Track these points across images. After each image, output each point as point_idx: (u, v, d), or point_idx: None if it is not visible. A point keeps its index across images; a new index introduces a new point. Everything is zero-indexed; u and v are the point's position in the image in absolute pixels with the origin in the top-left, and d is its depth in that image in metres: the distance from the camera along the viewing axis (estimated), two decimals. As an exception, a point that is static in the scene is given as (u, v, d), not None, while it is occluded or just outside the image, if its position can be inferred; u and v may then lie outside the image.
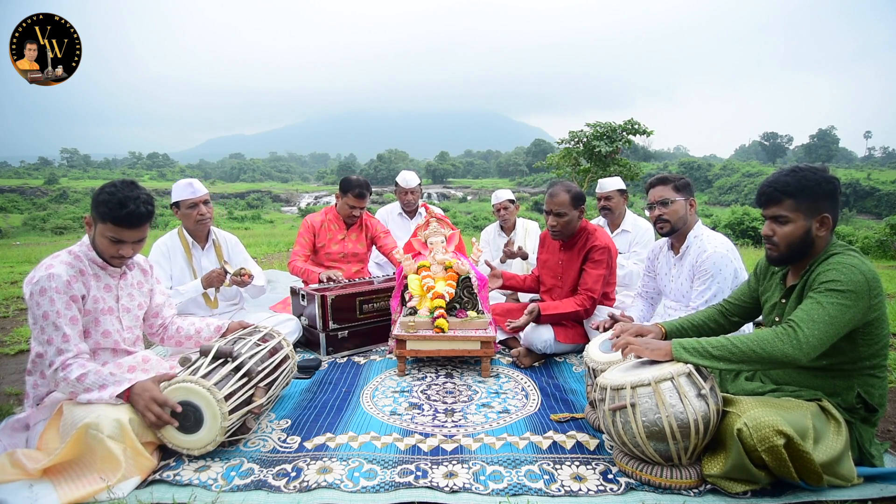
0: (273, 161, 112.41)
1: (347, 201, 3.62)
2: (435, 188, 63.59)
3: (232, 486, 1.74)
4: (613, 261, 3.02)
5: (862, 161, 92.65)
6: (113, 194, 1.89)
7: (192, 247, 3.01)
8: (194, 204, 2.90)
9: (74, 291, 1.91)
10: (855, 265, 1.64)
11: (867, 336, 1.69)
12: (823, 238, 1.74)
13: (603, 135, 15.15)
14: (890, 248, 11.03)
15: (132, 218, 1.91)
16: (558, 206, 2.89)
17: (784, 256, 1.78)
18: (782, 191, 1.72)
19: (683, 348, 1.71)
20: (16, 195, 44.86)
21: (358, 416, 2.29)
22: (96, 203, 1.92)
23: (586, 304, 2.88)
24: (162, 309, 2.34)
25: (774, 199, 1.74)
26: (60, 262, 1.92)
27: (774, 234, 1.76)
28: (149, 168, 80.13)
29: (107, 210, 1.89)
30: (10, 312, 4.39)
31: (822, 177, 1.70)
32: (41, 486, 1.67)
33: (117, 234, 1.93)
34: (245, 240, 3.21)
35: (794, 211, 1.72)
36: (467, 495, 1.69)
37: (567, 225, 2.94)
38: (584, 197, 2.96)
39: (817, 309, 1.62)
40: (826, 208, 1.71)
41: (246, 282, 2.89)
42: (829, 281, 1.64)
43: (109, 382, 1.82)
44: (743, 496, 1.64)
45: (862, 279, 1.62)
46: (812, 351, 1.60)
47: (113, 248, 1.96)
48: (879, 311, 1.67)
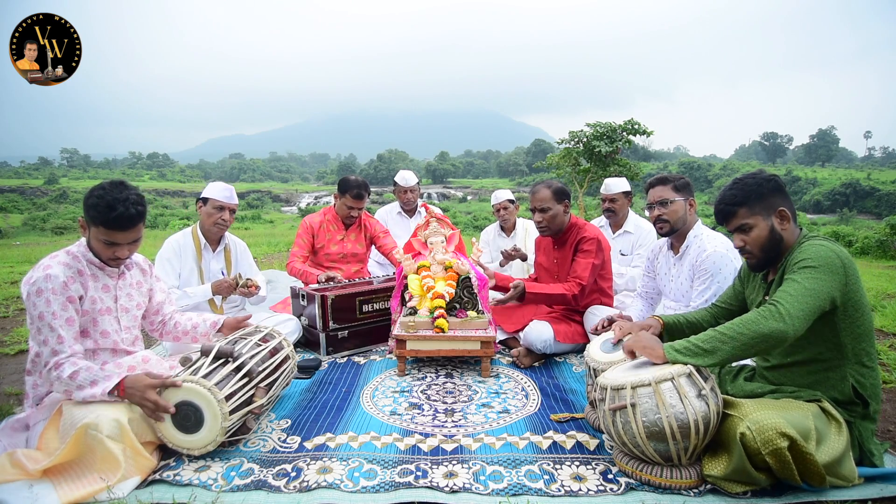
0: (273, 161, 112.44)
1: (345, 202, 3.63)
2: (435, 188, 63.58)
3: (232, 486, 1.74)
4: (606, 253, 3.04)
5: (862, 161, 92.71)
6: (102, 197, 1.86)
7: (204, 248, 3.02)
8: (222, 207, 2.95)
9: (72, 292, 1.90)
10: (824, 244, 1.72)
11: (847, 320, 1.72)
12: (789, 230, 1.81)
13: (603, 135, 15.14)
14: (890, 248, 11.03)
15: (123, 220, 1.88)
16: (540, 201, 2.95)
17: (762, 260, 1.85)
18: (732, 203, 1.83)
19: (675, 350, 1.72)
20: (16, 195, 44.84)
21: (358, 416, 2.29)
22: (87, 207, 1.90)
23: (574, 289, 2.88)
24: (162, 306, 2.35)
25: (730, 213, 1.85)
26: (58, 263, 1.92)
27: (745, 243, 1.84)
28: (149, 168, 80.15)
29: (97, 214, 1.87)
30: (10, 312, 4.39)
31: (762, 178, 1.82)
32: (41, 487, 1.67)
33: (110, 237, 1.91)
34: (245, 240, 3.23)
35: (751, 216, 1.81)
36: (467, 495, 1.69)
37: (553, 220, 2.97)
38: (568, 192, 3.00)
39: (793, 285, 1.66)
40: (778, 203, 1.80)
41: (253, 293, 2.92)
42: (801, 261, 1.71)
43: (100, 378, 1.82)
44: (743, 496, 1.64)
45: (833, 255, 1.69)
46: (796, 322, 1.60)
47: (108, 250, 1.95)
48: (857, 294, 1.71)
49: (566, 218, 3.03)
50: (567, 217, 3.04)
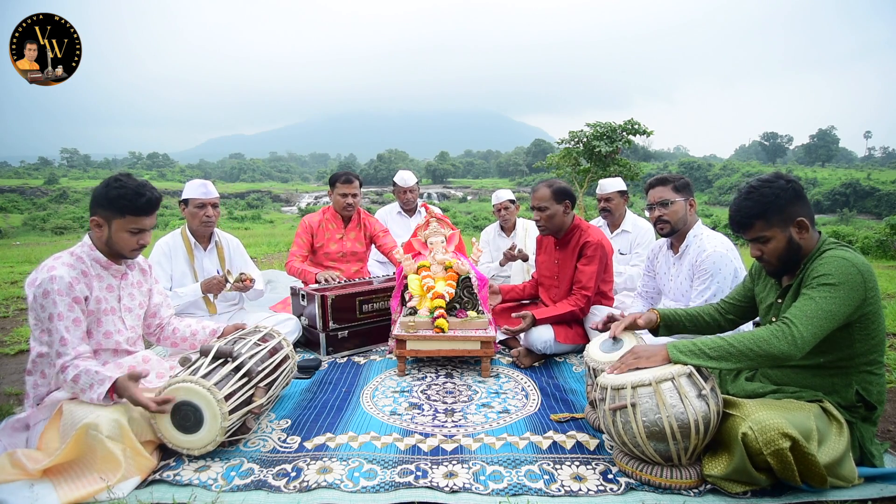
0: (273, 161, 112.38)
1: (338, 191, 3.65)
2: (435, 188, 63.57)
3: (232, 486, 1.74)
4: (608, 257, 3.03)
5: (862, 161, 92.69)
6: (125, 187, 1.94)
7: (195, 248, 3.01)
8: (203, 205, 2.94)
9: (77, 293, 1.91)
10: (847, 258, 1.66)
11: (864, 330, 1.69)
12: (808, 239, 1.76)
13: (603, 135, 15.14)
14: (890, 248, 11.02)
15: (151, 204, 1.98)
16: (539, 200, 2.95)
17: (780, 269, 1.81)
18: (748, 215, 1.75)
19: (679, 351, 1.71)
20: (16, 195, 44.84)
21: (358, 416, 2.29)
22: (109, 200, 1.94)
23: (580, 303, 2.90)
24: (160, 309, 2.34)
25: (746, 225, 1.78)
26: (62, 264, 1.92)
27: (763, 253, 1.80)
28: (149, 168, 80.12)
29: (126, 203, 1.93)
30: (10, 312, 4.39)
31: (779, 187, 1.72)
32: (41, 486, 1.67)
33: (138, 223, 1.98)
34: (245, 240, 3.22)
35: (768, 229, 1.74)
36: (467, 495, 1.69)
37: (551, 219, 2.96)
38: (569, 192, 2.97)
39: (810, 304, 1.63)
40: (797, 212, 1.73)
41: (248, 286, 2.91)
42: (821, 276, 1.66)
43: (96, 381, 1.82)
44: (743, 496, 1.64)
45: (854, 271, 1.63)
46: (806, 346, 1.61)
47: (133, 239, 2.01)
48: (875, 304, 1.67)
49: (567, 219, 3.01)
50: (569, 218, 3.02)
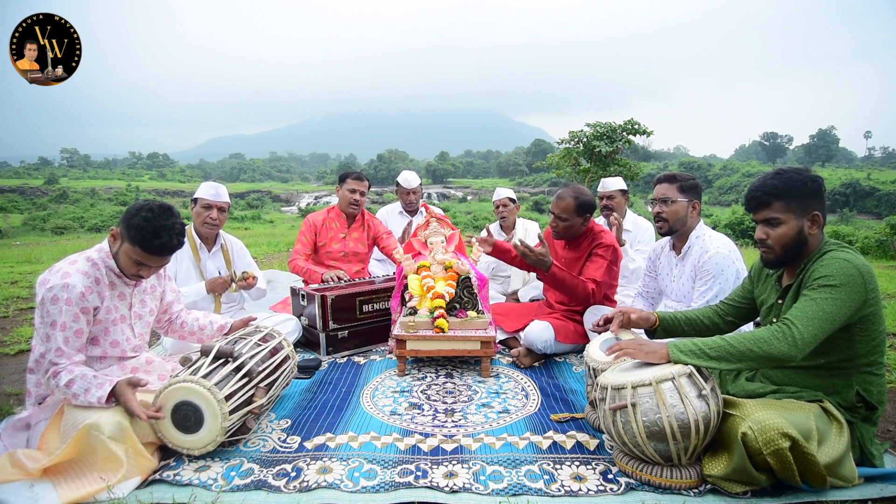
0: (273, 161, 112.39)
1: (347, 186, 3.66)
2: (435, 188, 63.56)
3: (232, 486, 1.74)
4: (617, 263, 3.00)
5: (862, 161, 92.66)
6: (149, 220, 1.85)
7: (200, 248, 3.03)
8: (209, 206, 2.96)
9: (87, 303, 1.89)
10: (848, 259, 1.65)
11: (864, 332, 1.69)
12: (815, 236, 1.75)
13: (603, 135, 15.15)
14: (890, 248, 11.02)
15: (163, 249, 1.89)
16: (561, 210, 2.88)
17: (780, 258, 1.79)
18: (771, 193, 1.74)
19: (679, 350, 1.71)
20: (16, 195, 44.85)
21: (358, 416, 2.29)
22: (128, 225, 1.87)
23: (591, 285, 2.79)
24: (171, 306, 2.36)
25: (764, 202, 1.76)
26: (77, 271, 1.89)
27: (768, 237, 1.77)
28: (149, 168, 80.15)
29: (139, 236, 1.86)
30: (10, 312, 4.39)
31: (807, 176, 1.72)
32: (41, 486, 1.67)
33: (144, 259, 1.91)
34: (245, 240, 3.23)
35: (784, 212, 1.73)
36: (467, 495, 1.69)
37: (568, 229, 2.92)
38: (592, 206, 2.89)
39: (811, 305, 1.63)
40: (815, 206, 1.73)
41: (251, 284, 2.94)
42: (823, 276, 1.65)
43: (93, 386, 1.81)
44: (743, 496, 1.64)
45: (856, 272, 1.63)
46: (807, 347, 1.60)
47: (134, 268, 1.96)
48: (875, 305, 1.67)
49: (583, 228, 2.95)
50: (584, 227, 2.95)
